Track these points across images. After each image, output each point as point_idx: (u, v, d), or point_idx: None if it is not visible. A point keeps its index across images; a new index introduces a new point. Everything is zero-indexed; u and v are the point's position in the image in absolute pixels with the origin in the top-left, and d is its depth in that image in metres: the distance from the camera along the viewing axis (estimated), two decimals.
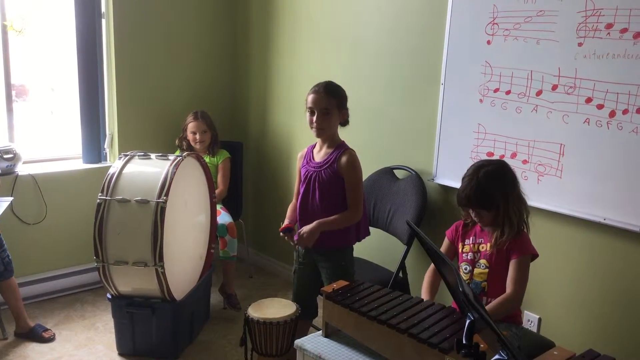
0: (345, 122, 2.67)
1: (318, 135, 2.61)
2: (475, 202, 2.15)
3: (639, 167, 2.23)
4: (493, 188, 2.13)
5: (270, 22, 3.96)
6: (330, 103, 2.54)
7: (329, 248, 2.66)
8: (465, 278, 2.26)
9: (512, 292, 2.14)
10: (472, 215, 2.22)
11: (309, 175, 2.64)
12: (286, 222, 2.72)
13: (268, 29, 3.98)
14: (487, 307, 2.12)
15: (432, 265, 2.34)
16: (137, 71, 3.83)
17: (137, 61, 3.82)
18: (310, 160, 2.68)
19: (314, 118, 2.55)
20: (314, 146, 2.72)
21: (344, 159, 2.56)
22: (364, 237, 2.74)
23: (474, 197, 2.14)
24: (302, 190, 2.67)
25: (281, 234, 2.68)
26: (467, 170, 2.21)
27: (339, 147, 2.62)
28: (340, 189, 2.59)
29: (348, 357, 1.97)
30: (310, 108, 2.57)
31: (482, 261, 2.23)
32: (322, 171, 2.60)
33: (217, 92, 4.27)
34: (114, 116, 3.82)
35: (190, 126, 3.69)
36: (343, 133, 2.67)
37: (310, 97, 2.56)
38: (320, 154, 2.65)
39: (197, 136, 3.68)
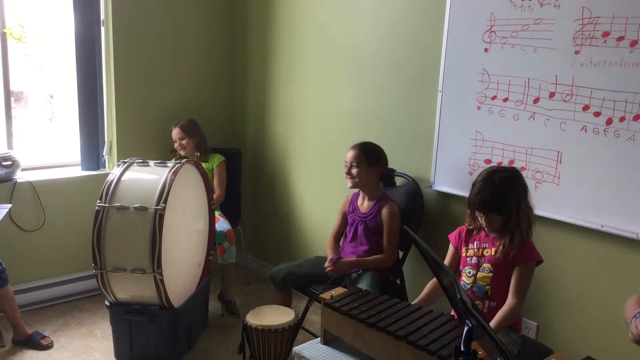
0: (386, 180, 2.94)
1: (350, 186, 2.93)
2: (490, 206, 2.16)
3: (636, 174, 2.24)
4: (508, 193, 2.16)
5: (269, 32, 3.97)
6: (360, 159, 2.87)
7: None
8: (468, 282, 2.27)
9: (515, 302, 2.17)
10: (482, 219, 2.22)
11: (355, 223, 2.96)
12: (331, 256, 2.93)
13: (267, 38, 4.00)
14: (494, 321, 2.13)
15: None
16: (136, 79, 3.84)
17: (136, 69, 3.83)
18: (355, 209, 2.99)
19: (347, 170, 2.91)
20: (357, 195, 3.01)
21: (385, 210, 2.87)
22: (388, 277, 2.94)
23: (490, 200, 2.15)
24: (349, 237, 2.98)
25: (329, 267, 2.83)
26: (479, 176, 2.22)
27: (380, 199, 2.91)
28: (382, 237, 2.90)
29: None
30: (346, 162, 2.92)
31: (486, 265, 2.24)
32: (367, 221, 2.91)
33: (216, 100, 4.28)
34: (112, 123, 3.82)
35: (172, 134, 3.74)
36: (342, 140, 2.69)
37: (348, 153, 2.93)
38: (364, 206, 2.96)
39: (177, 143, 3.71)
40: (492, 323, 2.12)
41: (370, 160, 2.88)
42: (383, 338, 1.88)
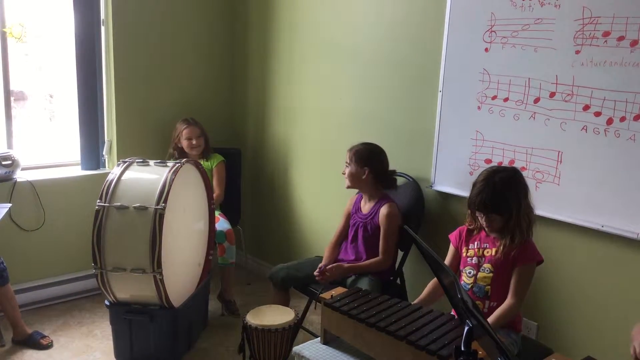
0: (384, 182, 2.90)
1: (346, 186, 2.95)
2: (490, 206, 2.16)
3: (637, 174, 2.24)
4: (508, 193, 2.16)
5: (269, 32, 3.97)
6: (350, 159, 2.90)
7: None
8: (469, 282, 2.27)
9: (514, 302, 2.17)
10: (482, 220, 2.22)
11: (356, 224, 2.95)
12: (324, 261, 2.94)
13: (267, 38, 3.99)
14: (490, 319, 2.14)
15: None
16: (135, 78, 3.84)
17: (136, 68, 3.83)
18: (358, 210, 2.99)
19: (343, 170, 2.95)
20: (361, 196, 3.01)
21: (383, 210, 2.85)
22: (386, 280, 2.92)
23: (490, 201, 2.15)
24: (349, 238, 2.98)
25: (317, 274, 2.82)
26: (479, 176, 2.23)
27: (380, 200, 2.90)
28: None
29: None
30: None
31: (487, 265, 2.24)
32: (367, 223, 2.90)
33: (216, 100, 4.28)
34: (112, 123, 3.82)
35: (185, 132, 3.70)
36: (342, 140, 2.69)
37: None
38: (365, 207, 2.95)
39: (194, 141, 3.69)
40: (489, 321, 2.12)
41: (358, 161, 2.87)
42: (383, 338, 1.88)
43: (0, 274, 3.02)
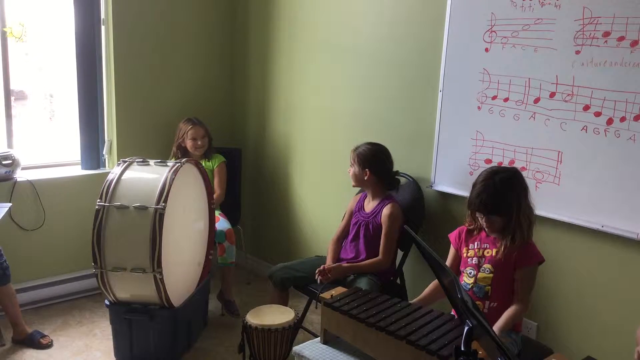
0: (386, 183, 2.91)
1: (352, 184, 2.98)
2: (490, 207, 2.15)
3: (637, 174, 2.24)
4: (508, 194, 2.15)
5: (269, 32, 3.97)
6: (352, 159, 2.93)
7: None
8: (469, 282, 2.27)
9: (520, 306, 2.17)
10: (482, 220, 2.22)
11: (358, 223, 2.96)
12: (329, 261, 2.95)
13: (267, 37, 3.99)
14: (498, 323, 2.12)
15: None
16: (136, 78, 3.84)
17: (136, 68, 3.83)
18: (361, 208, 3.00)
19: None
20: (365, 195, 3.03)
21: (385, 210, 2.86)
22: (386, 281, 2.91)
23: (490, 202, 2.14)
24: (350, 236, 2.99)
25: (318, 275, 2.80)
26: (479, 176, 2.22)
27: (383, 200, 2.91)
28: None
29: None
30: None
31: (487, 266, 2.24)
32: (369, 222, 2.90)
33: (216, 99, 4.28)
34: (112, 122, 3.82)
35: (191, 133, 3.69)
36: (342, 140, 2.69)
37: None
38: (369, 206, 2.96)
39: (199, 142, 3.68)
40: (498, 324, 2.11)
41: (360, 162, 2.89)
42: (383, 338, 1.88)
43: (3, 272, 3.03)
